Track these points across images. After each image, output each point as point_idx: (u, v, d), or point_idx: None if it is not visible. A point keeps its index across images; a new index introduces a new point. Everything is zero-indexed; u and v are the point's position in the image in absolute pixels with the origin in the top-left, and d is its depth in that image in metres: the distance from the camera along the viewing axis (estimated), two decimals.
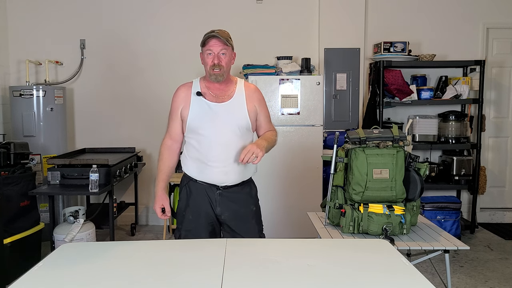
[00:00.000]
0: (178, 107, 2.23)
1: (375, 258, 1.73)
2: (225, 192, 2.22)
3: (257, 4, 4.75)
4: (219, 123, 2.17)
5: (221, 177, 2.19)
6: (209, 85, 2.23)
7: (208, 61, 2.16)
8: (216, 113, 2.18)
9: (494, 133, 4.92)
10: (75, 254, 1.78)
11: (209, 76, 2.19)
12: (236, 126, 2.18)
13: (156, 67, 4.80)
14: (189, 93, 2.22)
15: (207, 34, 2.15)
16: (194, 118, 2.18)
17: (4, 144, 3.43)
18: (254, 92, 2.29)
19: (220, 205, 2.22)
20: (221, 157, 2.16)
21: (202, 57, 2.20)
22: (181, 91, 2.26)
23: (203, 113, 2.18)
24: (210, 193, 2.22)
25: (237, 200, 2.24)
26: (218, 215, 2.24)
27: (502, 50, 4.87)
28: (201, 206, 2.23)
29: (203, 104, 2.19)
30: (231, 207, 2.23)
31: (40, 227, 3.57)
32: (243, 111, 2.21)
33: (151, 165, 4.87)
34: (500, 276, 3.47)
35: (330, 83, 4.67)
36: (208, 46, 2.15)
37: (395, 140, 2.50)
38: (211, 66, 2.15)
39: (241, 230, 2.25)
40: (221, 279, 1.47)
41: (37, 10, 4.73)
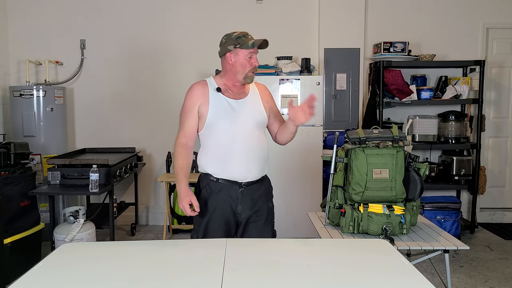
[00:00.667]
0: (195, 104, 2.20)
1: (375, 258, 1.73)
2: (247, 189, 2.22)
3: (257, 4, 4.75)
4: (239, 119, 2.19)
5: (244, 173, 2.20)
6: (227, 83, 2.25)
7: (246, 63, 2.19)
8: (235, 110, 2.20)
9: (494, 133, 4.93)
10: (75, 254, 1.78)
11: (244, 78, 2.21)
12: (255, 122, 2.23)
13: (156, 67, 4.80)
14: (206, 90, 2.22)
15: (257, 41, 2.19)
16: (214, 114, 2.18)
17: (4, 144, 3.43)
18: (264, 89, 2.38)
19: (241, 203, 2.22)
20: (243, 152, 2.17)
21: (235, 58, 2.20)
22: (197, 88, 2.23)
23: (223, 110, 2.19)
24: (231, 192, 2.21)
25: (257, 197, 2.26)
26: (238, 213, 2.23)
27: (502, 50, 4.87)
28: (222, 206, 2.22)
29: (222, 101, 2.20)
30: (251, 205, 2.24)
31: (40, 227, 3.57)
32: (260, 107, 2.28)
33: (151, 165, 4.88)
34: (500, 276, 3.47)
35: (330, 83, 4.67)
36: (253, 50, 2.20)
37: (395, 140, 2.50)
38: (251, 69, 2.21)
39: (258, 227, 2.26)
40: (221, 279, 1.47)
41: (37, 10, 4.73)
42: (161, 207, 4.88)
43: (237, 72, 2.21)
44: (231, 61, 2.21)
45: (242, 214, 2.23)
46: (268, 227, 2.32)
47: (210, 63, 4.64)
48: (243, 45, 2.17)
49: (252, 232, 2.25)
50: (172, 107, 4.81)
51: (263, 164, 2.27)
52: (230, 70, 2.22)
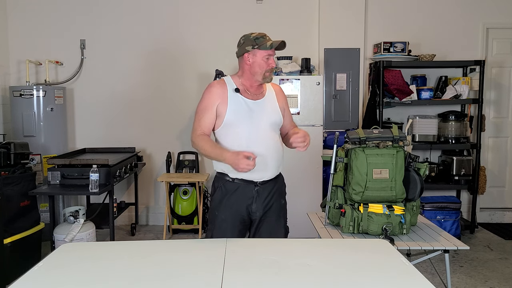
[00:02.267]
0: (214, 102, 2.21)
1: (375, 258, 1.73)
2: (261, 188, 2.25)
3: (257, 4, 4.75)
4: (256, 119, 2.22)
5: (261, 173, 2.22)
6: (245, 83, 2.28)
7: (264, 64, 2.22)
8: (252, 110, 2.23)
9: (494, 133, 4.92)
10: (75, 254, 1.79)
11: (263, 78, 2.24)
12: (272, 122, 2.27)
13: (156, 67, 4.80)
14: (225, 90, 2.24)
15: (275, 42, 2.21)
16: (232, 115, 2.20)
17: (4, 144, 3.43)
18: (280, 91, 2.41)
19: (256, 201, 2.25)
20: (261, 152, 2.19)
21: (253, 58, 2.22)
22: (216, 87, 2.25)
23: (241, 109, 2.22)
24: (247, 191, 2.24)
25: (272, 196, 2.29)
26: (253, 212, 2.26)
27: (502, 50, 4.87)
28: (237, 205, 2.25)
29: (240, 101, 2.23)
30: (266, 203, 2.27)
31: (40, 227, 3.57)
32: (276, 107, 2.32)
33: (151, 165, 4.88)
34: (500, 276, 3.47)
35: (330, 83, 4.67)
36: (271, 51, 2.22)
37: (395, 140, 2.50)
38: (269, 70, 2.23)
39: (271, 224, 2.29)
40: (221, 279, 1.47)
41: (37, 10, 4.73)
42: (161, 207, 4.88)
43: (255, 72, 2.23)
44: (249, 62, 2.23)
45: (257, 212, 2.27)
46: (280, 224, 2.36)
47: (210, 63, 4.66)
48: (261, 46, 2.20)
49: (265, 229, 2.29)
50: (172, 107, 4.82)
51: (279, 163, 2.31)
52: (248, 70, 2.25)
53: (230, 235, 2.19)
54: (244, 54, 2.24)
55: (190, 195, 4.48)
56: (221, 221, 2.26)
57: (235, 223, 2.25)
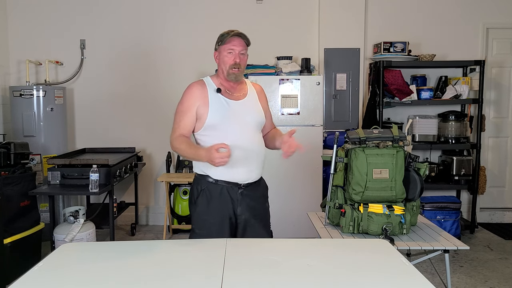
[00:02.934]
0: (194, 104, 2.16)
1: (375, 258, 1.73)
2: (246, 190, 2.21)
3: (257, 4, 4.75)
4: (239, 120, 2.17)
5: (246, 175, 2.19)
6: (223, 83, 2.23)
7: (227, 60, 2.15)
8: (234, 110, 2.18)
9: (494, 133, 4.92)
10: (75, 254, 1.79)
11: (227, 75, 2.17)
12: (255, 123, 2.22)
13: (156, 67, 4.80)
14: (205, 91, 2.19)
15: (231, 33, 2.14)
16: (214, 116, 2.14)
17: (4, 144, 3.43)
18: (261, 91, 2.36)
19: (241, 204, 2.21)
20: (245, 154, 2.15)
21: (219, 55, 2.20)
22: (195, 88, 2.20)
23: (223, 110, 2.16)
24: (232, 193, 2.19)
25: (256, 198, 2.26)
26: (238, 215, 2.22)
27: (502, 50, 4.87)
28: (222, 208, 2.19)
29: (222, 102, 2.18)
30: (251, 206, 2.23)
31: (40, 227, 3.57)
32: (258, 107, 2.28)
33: (151, 165, 4.88)
34: (500, 276, 3.47)
35: (330, 83, 4.67)
36: (230, 45, 2.14)
37: (395, 140, 2.50)
38: (232, 65, 2.15)
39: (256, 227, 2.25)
40: (221, 279, 1.47)
41: (37, 10, 4.73)
42: (161, 207, 4.88)
43: (222, 70, 2.20)
44: (217, 60, 2.22)
45: (242, 216, 2.22)
46: (265, 228, 2.32)
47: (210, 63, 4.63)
48: (223, 41, 2.17)
49: (250, 233, 2.24)
50: (172, 107, 4.79)
51: (262, 165, 2.27)
52: (219, 68, 2.23)
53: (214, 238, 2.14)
54: (214, 53, 2.24)
55: None
56: (205, 224, 2.20)
57: (220, 226, 2.19)
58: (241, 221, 2.24)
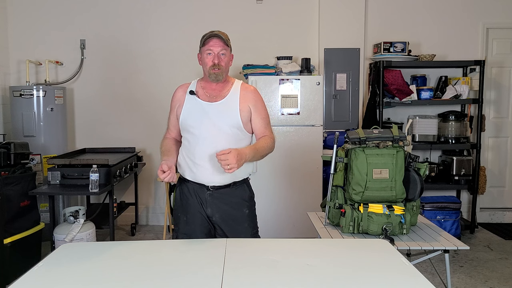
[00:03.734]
0: (175, 106, 2.29)
1: (375, 258, 1.73)
2: (216, 193, 2.19)
3: (257, 4, 4.75)
4: (209, 122, 2.15)
5: (209, 177, 2.17)
6: (205, 85, 2.25)
7: (207, 61, 2.16)
8: (207, 112, 2.17)
9: (494, 133, 4.92)
10: (75, 254, 1.79)
11: (208, 76, 2.18)
12: (226, 126, 2.15)
13: (156, 68, 4.80)
14: (184, 93, 2.27)
15: (207, 34, 2.17)
16: (185, 117, 2.21)
17: (4, 144, 3.43)
18: (250, 92, 2.24)
19: (210, 206, 2.20)
20: (208, 156, 2.13)
21: (201, 57, 2.21)
22: (178, 90, 2.31)
23: (195, 112, 2.20)
24: (200, 194, 2.21)
25: (228, 202, 2.21)
26: (209, 216, 2.22)
27: (502, 50, 4.87)
28: (194, 207, 2.22)
29: (195, 103, 2.21)
30: (222, 208, 2.21)
31: (40, 227, 3.57)
32: (234, 111, 2.17)
33: (151, 165, 4.88)
34: (500, 276, 3.47)
35: (330, 83, 4.67)
36: (208, 46, 2.15)
37: (395, 140, 2.50)
38: (211, 66, 2.14)
39: (233, 232, 2.21)
40: (221, 279, 1.47)
41: (37, 10, 4.73)
42: (161, 207, 4.88)
43: (204, 71, 2.22)
44: (200, 62, 2.23)
45: (213, 217, 2.22)
46: (247, 234, 2.24)
47: None
48: (202, 42, 2.19)
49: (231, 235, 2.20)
50: None
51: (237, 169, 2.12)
52: (203, 70, 2.24)
53: (196, 236, 2.18)
54: (198, 55, 2.25)
55: None
56: (184, 223, 2.24)
57: (196, 224, 2.22)
58: (215, 223, 2.24)
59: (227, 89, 2.23)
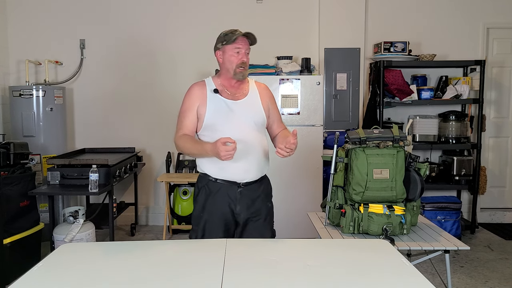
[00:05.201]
0: (194, 104, 2.21)
1: (375, 258, 1.73)
2: (245, 190, 2.23)
3: (257, 4, 4.75)
4: (236, 120, 2.19)
5: (242, 174, 2.20)
6: (224, 83, 2.26)
7: (234, 59, 2.18)
8: (233, 110, 2.20)
9: (494, 133, 4.92)
10: (75, 254, 1.78)
11: (233, 74, 2.20)
12: (253, 122, 2.22)
13: (156, 67, 4.80)
14: (204, 91, 2.23)
15: (235, 33, 2.17)
16: (211, 116, 2.19)
17: (4, 144, 3.43)
18: (265, 89, 2.35)
19: (240, 203, 2.22)
20: (242, 153, 2.16)
21: (223, 55, 2.21)
22: (195, 89, 2.25)
23: (221, 111, 2.19)
24: (230, 192, 2.21)
25: (256, 197, 2.26)
26: (236, 213, 2.24)
27: (502, 50, 4.87)
28: (220, 206, 2.22)
29: (220, 102, 2.21)
30: (250, 205, 2.24)
31: (40, 227, 3.57)
32: (258, 107, 2.26)
33: (151, 165, 4.87)
34: (500, 276, 3.46)
35: (330, 83, 4.66)
36: (237, 45, 2.18)
37: (395, 140, 2.50)
38: (238, 64, 2.18)
39: (257, 227, 2.26)
40: (221, 279, 1.47)
41: (37, 10, 4.72)
42: (161, 207, 4.88)
43: (227, 69, 2.22)
44: (221, 60, 2.24)
45: (241, 214, 2.24)
46: (267, 227, 2.33)
47: (210, 63, 4.63)
48: (229, 41, 2.19)
49: (251, 232, 2.25)
50: (172, 107, 4.80)
51: (262, 164, 2.27)
52: (222, 68, 2.25)
53: (214, 236, 2.18)
54: (216, 52, 2.25)
55: (190, 195, 4.48)
56: (204, 222, 2.23)
57: (219, 224, 2.22)
58: (240, 220, 2.25)
59: (246, 87, 2.29)
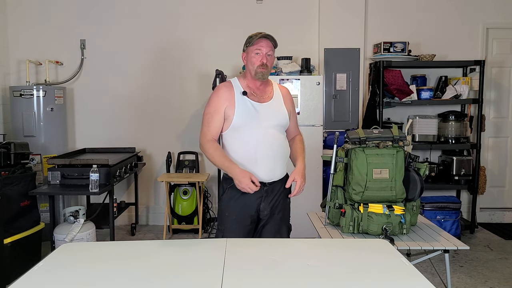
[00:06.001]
0: (222, 105, 2.25)
1: (375, 258, 1.73)
2: (270, 188, 2.30)
3: (257, 4, 4.75)
4: (264, 122, 2.25)
5: (269, 174, 2.27)
6: (250, 85, 2.31)
7: (255, 61, 2.25)
8: (259, 113, 2.26)
9: (494, 133, 4.93)
10: (75, 254, 1.78)
11: (255, 74, 2.26)
12: (278, 125, 2.30)
13: (156, 67, 4.80)
14: (232, 93, 2.27)
15: (259, 35, 2.24)
16: (240, 118, 2.23)
17: (4, 144, 3.43)
18: (287, 94, 2.44)
19: (265, 200, 2.29)
20: (269, 154, 2.24)
21: (247, 56, 2.29)
22: (223, 90, 2.29)
23: (248, 113, 2.25)
24: (257, 191, 2.25)
25: (279, 195, 2.34)
26: (261, 210, 2.30)
27: (502, 50, 4.87)
28: (246, 205, 2.28)
29: (247, 104, 2.26)
30: (274, 202, 2.32)
31: (40, 227, 3.57)
32: (283, 110, 2.34)
33: (151, 165, 4.88)
34: (500, 276, 3.47)
35: (330, 83, 4.67)
36: (258, 46, 2.24)
37: (395, 140, 2.50)
38: (259, 65, 2.24)
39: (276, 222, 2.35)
40: (221, 279, 1.47)
41: (37, 10, 4.73)
42: (161, 207, 4.88)
43: (249, 70, 2.29)
44: (245, 61, 2.31)
45: (265, 211, 2.32)
46: (285, 222, 2.42)
47: (209, 63, 4.67)
48: (250, 42, 2.26)
49: (270, 227, 2.34)
50: (172, 107, 4.82)
51: (286, 164, 2.37)
52: (246, 69, 2.32)
53: (241, 234, 2.25)
54: (242, 54, 2.32)
55: (190, 195, 4.48)
56: (231, 221, 2.30)
57: (245, 222, 2.30)
58: (263, 217, 2.33)
59: (270, 90, 2.36)
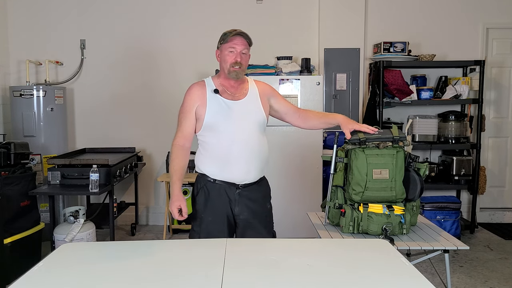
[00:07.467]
0: (193, 105, 2.20)
1: (375, 258, 1.73)
2: (244, 191, 2.22)
3: (257, 4, 4.75)
4: (237, 120, 2.18)
5: (243, 175, 2.20)
6: (224, 83, 2.25)
7: (228, 59, 2.18)
8: (233, 111, 2.19)
9: (494, 133, 4.93)
10: (75, 254, 1.78)
11: (228, 73, 2.20)
12: (254, 123, 2.22)
13: (156, 67, 4.80)
14: (204, 91, 2.22)
15: (232, 32, 2.18)
16: (212, 116, 2.17)
17: (4, 144, 3.43)
18: (264, 86, 2.37)
19: (239, 204, 2.22)
20: (243, 154, 2.17)
21: (221, 54, 2.23)
22: (195, 89, 2.24)
23: (222, 111, 2.18)
24: (229, 193, 2.21)
25: (255, 199, 2.26)
26: (236, 215, 2.23)
27: (502, 50, 4.87)
28: (220, 207, 2.22)
29: (220, 102, 2.20)
30: (249, 206, 2.24)
31: (40, 227, 3.57)
32: (258, 107, 2.26)
33: (151, 165, 4.88)
34: (500, 276, 3.47)
35: (330, 83, 4.67)
36: (231, 44, 2.18)
37: (395, 140, 2.50)
38: (232, 64, 2.18)
39: (257, 228, 2.26)
40: (221, 279, 1.47)
41: (37, 10, 4.73)
42: (161, 207, 4.88)
43: (223, 68, 2.23)
44: (219, 59, 2.25)
45: (240, 216, 2.24)
46: (267, 228, 2.33)
47: (209, 63, 4.64)
48: (224, 40, 2.20)
49: (251, 233, 2.25)
50: (172, 107, 4.80)
51: (263, 165, 2.27)
52: (220, 67, 2.25)
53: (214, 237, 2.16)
54: (216, 51, 2.26)
55: (190, 195, 4.48)
56: (204, 223, 2.22)
57: (218, 225, 2.21)
58: (239, 221, 2.25)
59: (246, 87, 2.29)
